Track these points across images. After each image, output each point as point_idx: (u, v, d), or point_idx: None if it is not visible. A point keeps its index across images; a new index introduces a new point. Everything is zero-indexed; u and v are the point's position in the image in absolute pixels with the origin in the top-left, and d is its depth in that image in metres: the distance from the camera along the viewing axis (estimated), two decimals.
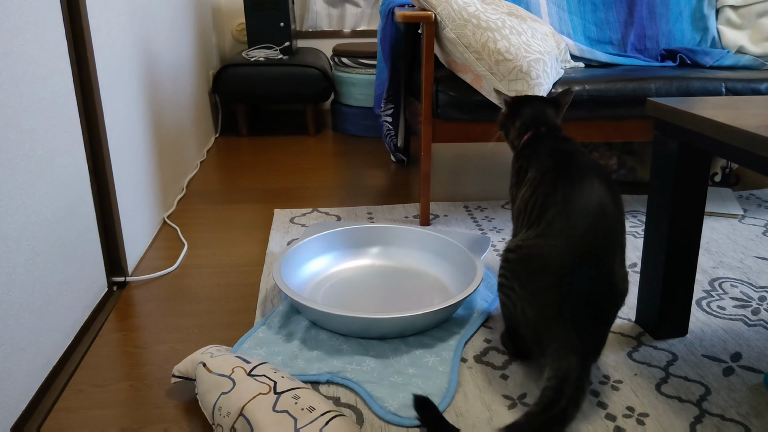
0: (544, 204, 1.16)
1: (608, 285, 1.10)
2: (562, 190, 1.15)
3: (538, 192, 1.19)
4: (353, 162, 2.72)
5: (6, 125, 1.09)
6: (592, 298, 1.09)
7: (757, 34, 2.39)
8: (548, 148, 1.27)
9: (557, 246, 1.10)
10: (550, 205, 1.15)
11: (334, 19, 3.55)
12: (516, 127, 1.42)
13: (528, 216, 1.20)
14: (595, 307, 1.09)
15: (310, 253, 1.60)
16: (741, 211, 2.06)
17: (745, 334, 1.37)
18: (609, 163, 2.44)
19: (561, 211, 1.13)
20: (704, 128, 1.10)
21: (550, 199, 1.15)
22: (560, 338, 1.07)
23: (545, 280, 1.10)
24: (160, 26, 2.15)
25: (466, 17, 1.79)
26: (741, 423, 1.09)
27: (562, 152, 1.24)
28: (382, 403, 1.13)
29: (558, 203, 1.14)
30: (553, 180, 1.17)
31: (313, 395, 1.03)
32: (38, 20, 1.23)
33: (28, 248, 1.15)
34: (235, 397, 1.02)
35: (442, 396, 1.15)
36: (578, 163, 1.19)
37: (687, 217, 1.26)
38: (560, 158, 1.22)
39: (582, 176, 1.16)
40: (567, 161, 1.20)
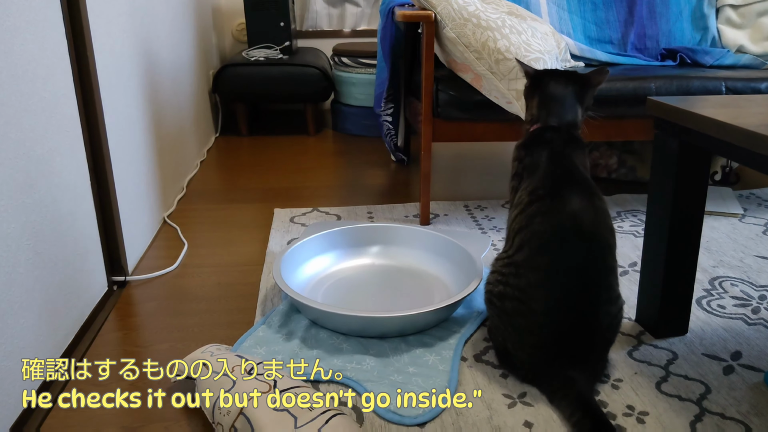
0: (529, 238, 1.16)
1: (591, 331, 1.13)
2: (547, 227, 1.15)
3: (524, 215, 1.19)
4: (353, 161, 2.72)
5: (6, 124, 1.09)
6: (576, 348, 1.13)
7: (757, 33, 2.38)
8: (546, 159, 1.24)
9: (538, 311, 1.12)
10: (534, 248, 1.15)
11: (334, 19, 3.55)
12: (532, 107, 1.35)
13: (512, 238, 1.21)
14: (582, 351, 1.13)
15: (310, 252, 1.60)
16: (741, 211, 2.06)
17: (746, 333, 1.36)
18: (609, 162, 2.44)
19: (543, 266, 1.13)
20: (705, 127, 1.10)
21: (534, 241, 1.15)
22: (554, 380, 1.14)
23: (530, 339, 1.14)
24: (160, 26, 2.16)
25: (466, 16, 1.79)
26: (741, 422, 1.09)
27: (557, 167, 1.22)
28: (382, 401, 1.12)
29: (541, 255, 1.14)
30: (539, 211, 1.17)
31: (313, 393, 1.03)
32: (38, 20, 1.23)
33: (28, 247, 1.15)
34: (234, 397, 1.02)
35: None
36: (569, 186, 1.18)
37: (687, 216, 1.26)
38: (553, 179, 1.20)
39: (569, 207, 1.15)
40: (557, 182, 1.19)
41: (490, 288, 1.24)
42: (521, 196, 1.24)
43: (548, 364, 1.14)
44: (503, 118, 1.85)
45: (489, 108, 1.83)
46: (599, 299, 1.13)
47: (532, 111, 1.36)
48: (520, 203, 1.23)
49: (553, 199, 1.17)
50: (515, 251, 1.19)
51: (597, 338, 1.15)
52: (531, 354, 1.15)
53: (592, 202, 1.17)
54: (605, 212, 1.18)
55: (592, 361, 1.17)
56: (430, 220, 2.01)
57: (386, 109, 2.42)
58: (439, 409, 1.11)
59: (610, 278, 1.15)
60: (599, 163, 2.46)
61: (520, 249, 1.18)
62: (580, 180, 1.21)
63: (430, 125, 1.88)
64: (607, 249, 1.16)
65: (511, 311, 1.16)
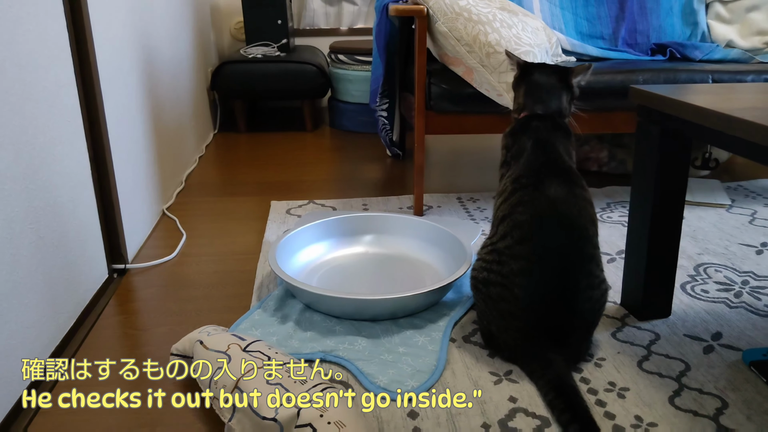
0: (511, 228, 1.20)
1: (571, 315, 1.17)
2: (528, 218, 1.19)
3: (507, 204, 1.23)
4: (350, 156, 2.76)
5: (10, 111, 1.13)
6: (556, 331, 1.17)
7: (746, 28, 2.43)
8: (531, 147, 1.28)
9: (520, 297, 1.16)
10: (515, 238, 1.19)
11: (331, 17, 3.60)
12: (519, 96, 1.39)
13: (497, 225, 1.25)
14: (562, 334, 1.17)
15: (304, 240, 1.65)
16: (729, 201, 2.11)
17: (727, 315, 1.41)
18: (600, 156, 2.48)
19: (524, 255, 1.17)
20: (683, 112, 1.14)
21: (516, 232, 1.19)
22: (534, 361, 1.18)
23: (514, 323, 1.18)
24: (159, 22, 2.20)
25: (458, 11, 1.83)
26: (718, 396, 1.13)
27: (540, 155, 1.26)
28: (373, 378, 1.17)
29: (522, 244, 1.18)
30: (521, 201, 1.21)
31: (306, 369, 1.08)
32: (39, 12, 1.27)
33: (31, 231, 1.19)
34: (230, 371, 1.06)
35: (431, 372, 1.19)
36: (551, 175, 1.22)
37: (669, 202, 1.30)
38: (535, 168, 1.24)
39: (550, 197, 1.19)
40: (540, 171, 1.23)
41: (475, 274, 1.28)
42: (505, 184, 1.28)
43: (529, 345, 1.18)
44: (494, 110, 1.89)
45: (480, 101, 1.88)
46: (578, 285, 1.17)
47: (519, 100, 1.40)
48: (504, 191, 1.27)
49: (535, 188, 1.21)
50: (499, 239, 1.23)
51: (577, 321, 1.19)
52: (514, 336, 1.20)
53: (573, 191, 1.21)
54: (586, 201, 1.22)
55: (574, 343, 1.21)
56: (424, 211, 2.05)
57: (381, 105, 2.46)
58: (428, 384, 1.15)
59: (590, 265, 1.19)
60: (590, 157, 2.50)
61: (503, 237, 1.22)
62: (563, 169, 1.24)
63: (422, 118, 1.92)
64: (585, 238, 1.19)
65: (495, 296, 1.20)
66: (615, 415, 1.09)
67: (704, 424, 1.06)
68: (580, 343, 1.23)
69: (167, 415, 1.10)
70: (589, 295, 1.18)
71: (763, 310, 1.43)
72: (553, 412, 1.08)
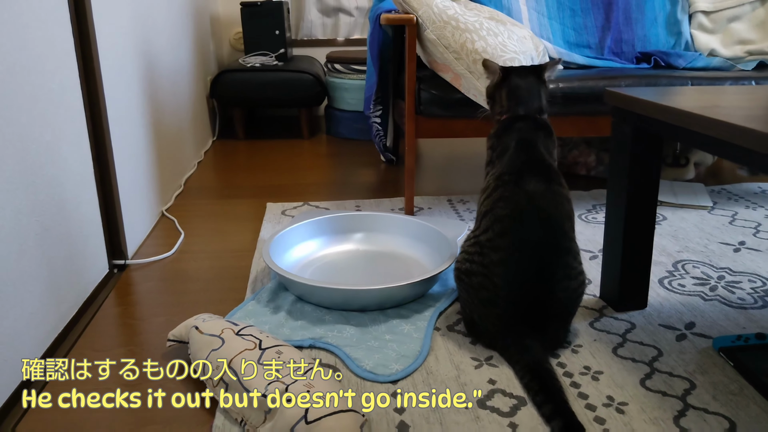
0: (493, 222, 1.27)
1: (548, 303, 1.23)
2: (508, 212, 1.25)
3: (490, 199, 1.30)
4: (344, 162, 2.84)
5: (19, 109, 1.20)
6: (534, 319, 1.23)
7: (728, 38, 2.51)
8: (515, 145, 1.35)
9: (500, 285, 1.23)
10: (496, 232, 1.25)
11: (328, 28, 3.69)
12: (501, 99, 1.44)
13: (480, 219, 1.31)
14: (539, 322, 1.24)
15: (297, 238, 1.71)
16: (710, 203, 2.17)
17: (701, 307, 1.47)
18: (588, 161, 2.56)
19: (504, 247, 1.23)
20: (651, 111, 1.21)
21: (497, 225, 1.25)
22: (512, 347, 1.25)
23: (494, 311, 1.25)
24: (160, 31, 2.28)
25: (446, 19, 1.92)
26: (687, 379, 1.19)
27: (522, 154, 1.33)
28: (359, 363, 1.23)
29: (501, 237, 1.24)
30: (502, 196, 1.27)
31: (295, 352, 1.14)
32: (47, 19, 1.35)
33: (37, 223, 1.26)
34: (223, 353, 1.13)
35: (415, 357, 1.25)
36: (530, 172, 1.28)
37: (642, 198, 1.37)
38: (517, 164, 1.31)
39: (528, 192, 1.25)
40: (521, 169, 1.30)
41: (459, 266, 1.34)
42: (489, 181, 1.35)
43: (509, 332, 1.24)
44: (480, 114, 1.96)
45: (468, 105, 1.95)
46: (555, 275, 1.23)
47: (502, 103, 1.47)
48: (488, 188, 1.34)
49: (516, 185, 1.27)
50: (481, 232, 1.29)
51: (554, 310, 1.25)
52: (494, 324, 1.26)
53: (551, 187, 1.27)
54: (563, 197, 1.29)
55: (551, 330, 1.27)
56: (415, 212, 2.12)
57: (375, 111, 2.54)
58: (411, 368, 1.22)
59: (566, 257, 1.24)
60: (579, 162, 2.57)
61: (485, 231, 1.28)
62: (543, 167, 1.31)
63: (413, 122, 2.00)
64: (562, 231, 1.25)
65: (476, 286, 1.27)
66: (588, 395, 1.15)
67: (672, 403, 1.12)
68: (557, 331, 1.29)
69: (167, 414, 1.11)
70: (566, 285, 1.24)
71: (736, 302, 1.49)
72: (529, 393, 1.14)
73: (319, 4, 3.64)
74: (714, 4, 2.53)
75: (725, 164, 2.77)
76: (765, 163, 0.92)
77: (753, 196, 2.27)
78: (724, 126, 0.96)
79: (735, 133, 0.93)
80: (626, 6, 2.53)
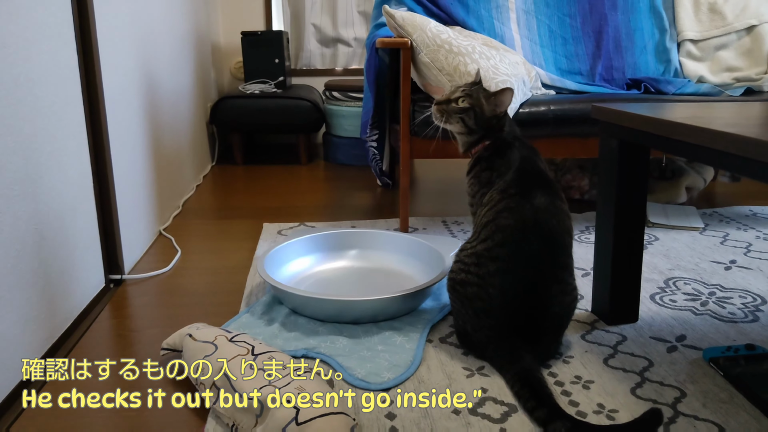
0: (493, 231, 1.27)
1: (542, 316, 1.25)
2: (512, 222, 1.26)
3: (493, 210, 1.30)
4: (341, 186, 2.87)
5: (22, 120, 1.24)
6: (527, 331, 1.24)
7: (716, 65, 2.58)
8: (519, 160, 1.36)
9: (495, 295, 1.24)
10: (496, 241, 1.26)
11: (327, 58, 3.77)
12: (494, 121, 1.44)
13: (479, 231, 1.32)
14: (532, 333, 1.25)
15: (292, 254, 1.73)
16: (702, 225, 2.20)
17: (692, 321, 1.48)
18: (581, 185, 2.59)
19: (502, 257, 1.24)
20: (636, 123, 1.25)
21: (498, 235, 1.26)
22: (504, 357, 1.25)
23: (487, 322, 1.26)
24: (161, 56, 2.34)
25: (440, 43, 1.97)
26: (678, 388, 1.20)
27: (528, 168, 1.34)
28: (351, 371, 1.24)
29: (501, 247, 1.25)
30: (507, 207, 1.28)
31: (287, 358, 1.15)
32: (52, 35, 1.39)
33: (36, 231, 1.28)
34: (216, 358, 1.13)
35: (407, 367, 1.26)
36: (536, 185, 1.29)
37: (630, 211, 1.39)
38: (523, 180, 1.32)
39: (534, 205, 1.26)
40: (528, 182, 1.31)
41: (453, 276, 1.35)
42: (492, 195, 1.36)
43: (501, 342, 1.25)
44: None
45: None
46: (550, 290, 1.24)
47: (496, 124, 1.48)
48: (491, 200, 1.35)
49: (522, 197, 1.28)
50: (479, 243, 1.30)
51: (547, 323, 1.26)
52: (487, 335, 1.26)
53: (555, 202, 1.29)
54: (565, 213, 1.30)
55: (544, 342, 1.28)
56: (409, 232, 2.14)
57: (372, 135, 2.58)
58: (403, 377, 1.22)
59: (563, 273, 1.26)
60: (572, 186, 2.61)
61: (484, 241, 1.29)
62: (547, 181, 1.33)
63: (407, 143, 2.04)
64: (561, 246, 1.27)
65: (471, 296, 1.28)
66: (579, 402, 1.16)
67: (663, 410, 1.12)
68: (549, 344, 1.30)
69: (167, 414, 1.10)
70: (561, 300, 1.26)
71: (726, 316, 1.50)
72: (520, 400, 1.15)
73: (318, 35, 3.73)
74: (701, 33, 2.61)
75: (717, 188, 2.81)
76: (743, 166, 0.95)
77: (744, 218, 2.30)
78: (704, 132, 0.99)
79: (715, 138, 0.96)
80: (616, 35, 2.60)
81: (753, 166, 0.92)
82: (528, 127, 2.04)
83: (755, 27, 2.56)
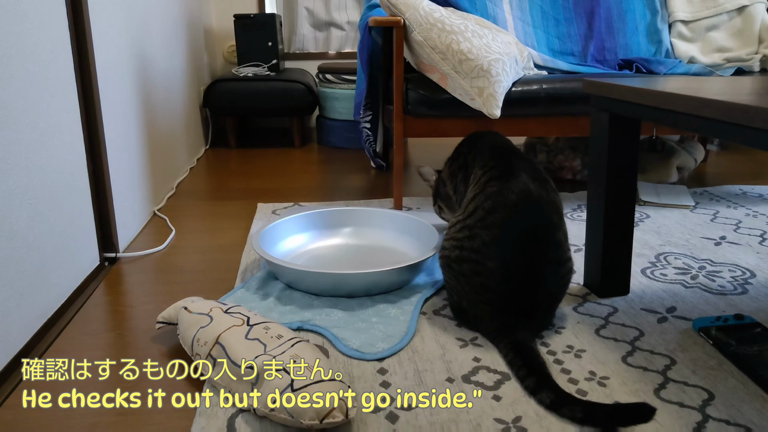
0: (483, 201, 1.29)
1: (537, 288, 1.26)
2: (499, 188, 1.28)
3: (479, 183, 1.33)
4: (335, 168, 2.88)
5: (14, 94, 1.23)
6: (524, 304, 1.26)
7: (707, 46, 2.59)
8: (494, 142, 1.41)
9: (494, 269, 1.24)
10: (486, 209, 1.27)
11: (320, 42, 3.76)
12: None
13: (466, 205, 1.33)
14: (528, 305, 1.26)
15: (286, 231, 1.74)
16: (693, 203, 2.22)
17: (682, 294, 1.50)
18: (573, 165, 2.60)
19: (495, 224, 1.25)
20: (626, 95, 1.26)
21: (488, 202, 1.28)
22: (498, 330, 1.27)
23: (486, 296, 1.26)
24: (154, 38, 2.33)
25: (432, 21, 1.97)
26: (668, 356, 1.22)
27: (506, 149, 1.39)
28: (346, 342, 1.25)
29: (493, 213, 1.26)
30: (492, 177, 1.31)
31: (281, 327, 1.16)
32: (44, 9, 1.39)
33: (29, 206, 1.28)
34: (211, 329, 1.14)
35: (401, 337, 1.27)
36: (518, 162, 1.33)
37: (621, 182, 1.41)
38: (505, 155, 1.36)
39: (520, 177, 1.28)
40: (510, 158, 1.34)
41: (446, 253, 1.35)
42: (475, 172, 1.39)
43: (498, 316, 1.26)
44: (467, 114, 2.01)
45: (454, 105, 2.00)
46: (543, 261, 1.25)
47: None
48: (474, 178, 1.37)
49: (506, 168, 1.31)
50: (468, 215, 1.31)
51: (542, 295, 1.27)
52: (484, 309, 1.27)
53: (540, 176, 1.31)
54: (551, 187, 1.32)
55: (539, 315, 1.29)
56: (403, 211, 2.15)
57: (365, 117, 2.58)
58: (398, 347, 1.24)
59: (558, 251, 1.27)
60: (564, 166, 2.62)
61: (473, 213, 1.30)
62: (528, 160, 1.35)
63: (401, 122, 2.04)
64: (550, 217, 1.27)
65: (468, 272, 1.28)
66: (571, 371, 1.17)
67: (653, 377, 1.15)
68: (544, 317, 1.32)
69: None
70: (556, 270, 1.27)
71: (716, 289, 1.52)
72: (512, 368, 1.16)
73: (311, 19, 3.72)
74: (692, 14, 2.62)
75: (707, 168, 2.83)
76: (730, 131, 0.96)
77: (734, 197, 2.33)
78: (692, 100, 1.00)
79: (702, 105, 0.97)
80: (608, 16, 2.61)
81: (740, 131, 0.93)
82: (520, 105, 2.05)
83: (746, 7, 2.57)
